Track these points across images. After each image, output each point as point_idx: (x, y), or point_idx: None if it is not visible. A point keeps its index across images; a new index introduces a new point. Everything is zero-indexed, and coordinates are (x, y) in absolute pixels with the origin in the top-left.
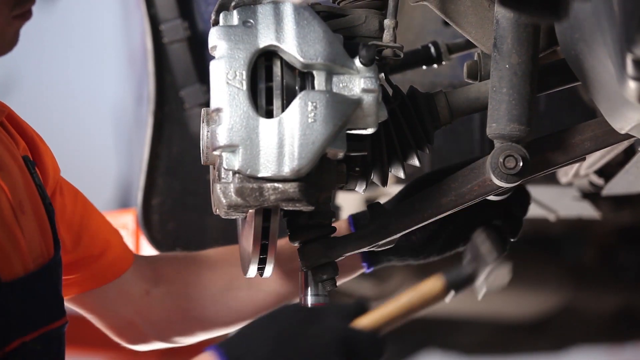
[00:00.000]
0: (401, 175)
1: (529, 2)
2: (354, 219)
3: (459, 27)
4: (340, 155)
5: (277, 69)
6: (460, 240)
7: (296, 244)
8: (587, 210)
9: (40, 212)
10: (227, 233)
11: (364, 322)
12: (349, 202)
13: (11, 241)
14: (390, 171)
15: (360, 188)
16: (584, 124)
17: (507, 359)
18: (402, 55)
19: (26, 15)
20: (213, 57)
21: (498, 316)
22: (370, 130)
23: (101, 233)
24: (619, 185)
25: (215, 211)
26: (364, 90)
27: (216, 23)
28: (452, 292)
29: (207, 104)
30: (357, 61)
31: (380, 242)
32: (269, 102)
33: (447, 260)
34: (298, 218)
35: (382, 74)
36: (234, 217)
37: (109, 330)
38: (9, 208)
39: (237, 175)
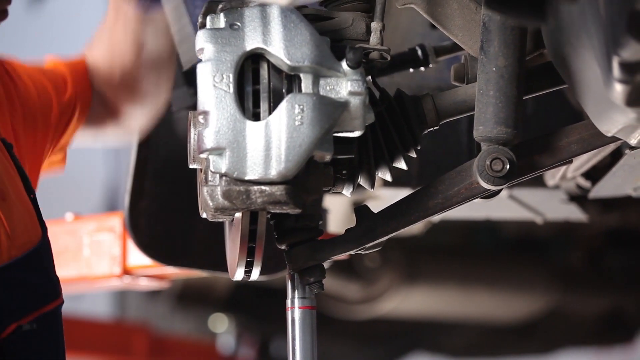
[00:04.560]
0: (388, 177)
1: (516, 4)
2: None
3: (446, 30)
4: (328, 158)
5: (264, 71)
6: None
7: (283, 247)
8: (574, 213)
9: (23, 196)
10: (214, 236)
11: None
12: (337, 205)
13: None
14: (377, 174)
15: (347, 191)
16: (571, 127)
17: None
18: (389, 58)
19: (1, 15)
20: (200, 60)
21: (486, 319)
22: (357, 133)
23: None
24: (606, 188)
25: (203, 214)
26: (351, 93)
27: (203, 26)
28: None
29: (195, 107)
30: (344, 64)
31: (368, 245)
32: (256, 104)
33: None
34: (285, 221)
35: (369, 77)
36: (221, 220)
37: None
38: None
39: (224, 178)
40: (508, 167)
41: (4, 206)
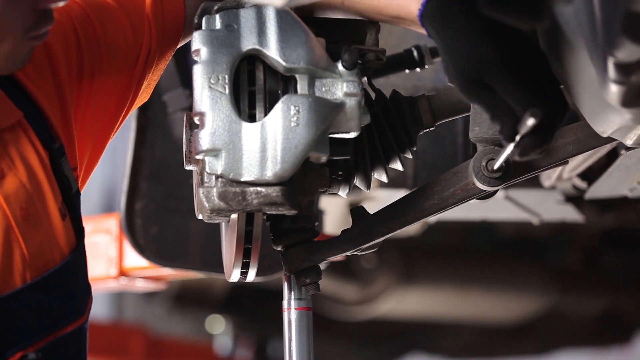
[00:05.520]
0: (384, 179)
1: (511, 6)
2: None
3: None
4: (323, 159)
5: (259, 73)
6: None
7: (279, 248)
8: (570, 214)
9: (52, 213)
10: (210, 237)
11: None
12: (333, 206)
13: (4, 255)
14: (373, 175)
15: (343, 192)
16: (567, 128)
17: None
18: (384, 59)
19: (41, 37)
20: (196, 62)
21: (483, 320)
22: (353, 134)
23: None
24: (602, 189)
25: (199, 215)
26: (347, 94)
27: (199, 27)
28: None
29: (190, 108)
30: (339, 65)
31: (364, 246)
32: (252, 106)
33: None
34: (281, 222)
35: (365, 78)
36: (217, 221)
37: None
38: (1, 221)
39: (220, 179)
40: (504, 167)
41: (25, 227)
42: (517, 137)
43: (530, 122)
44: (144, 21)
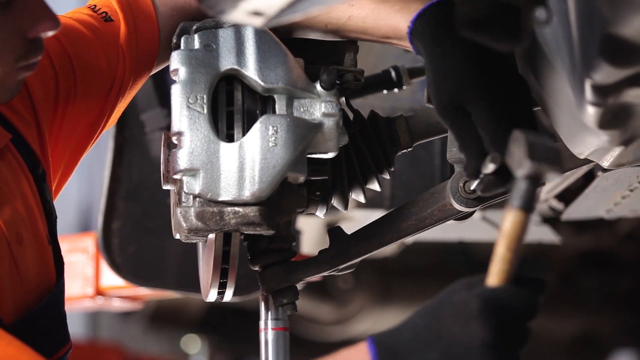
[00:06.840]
0: (362, 199)
1: (489, 28)
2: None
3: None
4: (301, 179)
5: (238, 93)
6: None
7: (256, 268)
8: (547, 235)
9: (40, 236)
10: (187, 257)
11: (493, 280)
12: (310, 226)
13: (5, 279)
14: (351, 195)
15: (320, 212)
16: None
17: None
18: (362, 80)
19: (32, 67)
20: (174, 81)
21: None
22: (330, 155)
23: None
24: (578, 210)
25: (176, 235)
26: (325, 115)
27: (177, 47)
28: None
29: (168, 128)
30: (318, 85)
31: (341, 266)
32: (230, 126)
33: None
34: (258, 242)
35: (343, 98)
36: (194, 241)
37: None
38: (5, 247)
39: (197, 199)
40: None
41: (19, 250)
42: (481, 175)
43: (491, 166)
44: (118, 51)
